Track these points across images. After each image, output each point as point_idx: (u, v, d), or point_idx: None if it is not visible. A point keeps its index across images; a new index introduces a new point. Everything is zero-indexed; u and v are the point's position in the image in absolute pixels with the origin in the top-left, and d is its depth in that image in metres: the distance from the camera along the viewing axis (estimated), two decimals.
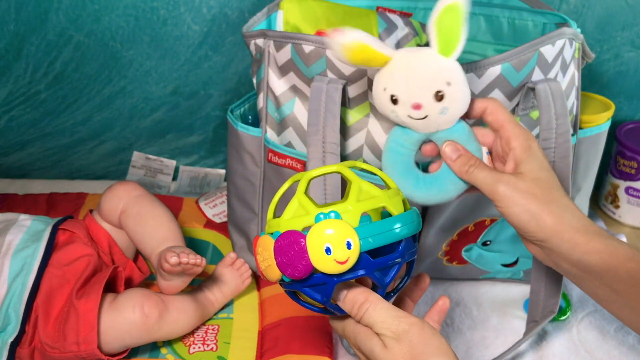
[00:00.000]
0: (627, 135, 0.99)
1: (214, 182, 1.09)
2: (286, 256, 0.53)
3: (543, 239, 0.61)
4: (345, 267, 0.52)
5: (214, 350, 0.78)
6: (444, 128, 0.63)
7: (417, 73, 0.61)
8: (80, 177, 1.09)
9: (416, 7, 0.90)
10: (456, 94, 0.61)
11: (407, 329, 0.54)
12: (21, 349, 0.73)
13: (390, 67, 0.62)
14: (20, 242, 0.77)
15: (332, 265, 0.52)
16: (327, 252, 0.52)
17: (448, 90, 0.61)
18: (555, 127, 0.71)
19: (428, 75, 0.61)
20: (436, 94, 0.61)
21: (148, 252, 0.81)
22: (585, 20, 0.91)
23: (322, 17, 0.82)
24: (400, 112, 0.62)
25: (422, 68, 0.61)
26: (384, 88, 0.62)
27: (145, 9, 0.87)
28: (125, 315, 0.74)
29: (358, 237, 0.52)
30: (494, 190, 0.61)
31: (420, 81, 0.61)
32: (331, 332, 0.81)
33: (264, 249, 0.55)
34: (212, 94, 0.98)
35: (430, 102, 0.61)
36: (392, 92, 0.62)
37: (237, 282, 0.83)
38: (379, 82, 0.63)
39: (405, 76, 0.61)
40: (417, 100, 0.61)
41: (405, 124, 0.64)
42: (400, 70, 0.61)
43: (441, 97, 0.61)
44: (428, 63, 0.61)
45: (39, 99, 0.96)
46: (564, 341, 0.83)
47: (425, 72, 0.61)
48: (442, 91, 0.61)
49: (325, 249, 0.52)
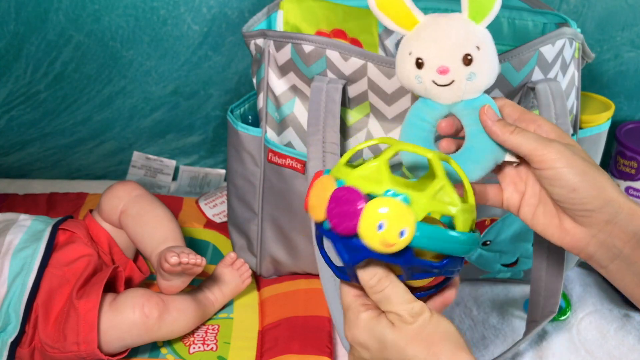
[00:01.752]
0: (627, 135, 0.99)
1: (214, 182, 1.09)
2: (339, 208, 0.51)
3: (599, 207, 0.57)
4: (387, 250, 0.51)
5: (214, 350, 0.78)
6: (468, 97, 0.60)
7: (446, 34, 0.58)
8: (80, 177, 1.09)
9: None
10: (485, 59, 0.59)
11: (419, 312, 0.54)
12: (21, 349, 0.73)
13: (418, 29, 0.59)
14: (20, 242, 0.77)
15: (377, 242, 0.51)
16: (379, 228, 0.50)
17: (477, 55, 0.58)
18: None
19: (457, 37, 0.58)
20: (465, 57, 0.58)
21: (148, 252, 0.81)
22: (585, 20, 0.91)
23: (322, 17, 0.82)
24: (425, 78, 0.59)
25: (452, 30, 0.58)
26: (409, 52, 0.60)
27: (145, 9, 0.87)
28: (125, 315, 0.74)
29: (414, 232, 0.50)
30: (544, 152, 0.57)
31: (449, 43, 0.58)
32: (331, 332, 0.81)
33: (322, 189, 0.53)
34: (212, 94, 0.98)
35: (458, 65, 0.58)
36: (418, 54, 0.59)
37: (237, 282, 0.83)
38: (405, 46, 0.60)
39: (434, 38, 0.59)
40: (444, 62, 0.58)
41: (428, 92, 0.60)
42: (429, 32, 0.59)
43: (469, 61, 0.58)
44: (458, 26, 0.58)
45: (39, 99, 0.96)
46: (564, 341, 0.83)
47: (455, 34, 0.58)
48: (470, 55, 0.58)
49: (378, 225, 0.50)
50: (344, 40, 0.82)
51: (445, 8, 0.89)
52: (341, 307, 0.77)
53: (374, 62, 0.70)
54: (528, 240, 0.84)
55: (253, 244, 0.87)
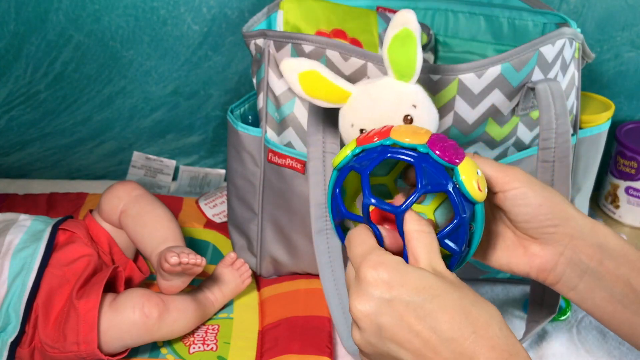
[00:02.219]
0: (627, 135, 0.99)
1: (214, 182, 1.09)
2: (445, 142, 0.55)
3: (564, 221, 0.59)
4: (476, 193, 0.54)
5: (214, 350, 0.78)
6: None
7: (381, 102, 0.60)
8: (80, 177, 1.09)
9: (416, 7, 0.90)
10: (424, 113, 0.60)
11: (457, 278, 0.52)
12: (21, 349, 0.73)
13: (352, 102, 0.61)
14: (20, 242, 0.77)
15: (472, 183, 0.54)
16: (477, 172, 0.55)
17: (415, 113, 0.60)
18: (555, 127, 0.71)
19: (392, 102, 0.60)
20: (405, 118, 0.60)
21: (148, 252, 0.81)
22: (585, 20, 0.91)
23: (322, 17, 0.82)
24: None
25: (385, 97, 0.60)
26: (351, 124, 0.62)
27: (145, 9, 0.87)
28: (125, 315, 0.74)
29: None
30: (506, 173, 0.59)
31: (387, 109, 0.60)
32: (331, 332, 0.81)
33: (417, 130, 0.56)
34: (212, 94, 0.98)
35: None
36: (361, 126, 0.61)
37: (237, 282, 0.83)
38: (345, 119, 0.62)
39: (370, 107, 0.61)
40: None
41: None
42: (364, 102, 0.61)
43: (411, 120, 0.60)
44: (389, 91, 0.60)
45: (39, 99, 0.96)
46: (564, 341, 0.83)
47: (389, 99, 0.60)
48: (409, 114, 0.60)
49: (477, 171, 0.55)
50: (344, 40, 0.82)
51: (445, 8, 0.90)
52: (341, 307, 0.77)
53: (374, 62, 0.70)
54: None
55: (253, 244, 0.87)
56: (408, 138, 0.55)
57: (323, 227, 0.74)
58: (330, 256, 0.75)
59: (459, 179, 0.54)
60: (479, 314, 0.49)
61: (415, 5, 0.90)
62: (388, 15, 0.86)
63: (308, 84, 0.62)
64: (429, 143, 0.55)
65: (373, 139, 0.56)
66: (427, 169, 0.54)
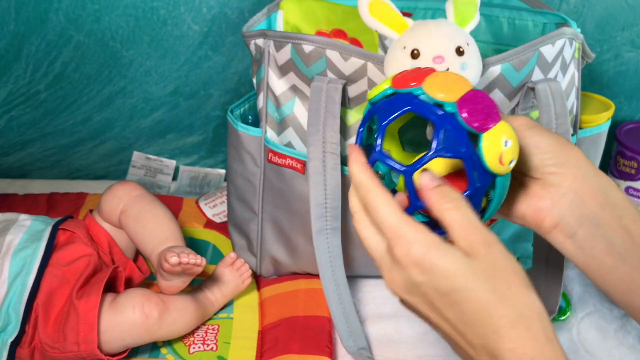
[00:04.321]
0: (627, 135, 0.99)
1: (214, 182, 1.09)
2: (480, 105, 0.52)
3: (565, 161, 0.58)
4: (498, 168, 0.52)
5: (214, 350, 0.78)
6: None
7: (439, 29, 0.64)
8: (80, 177, 1.09)
9: (416, 7, 0.90)
10: (473, 54, 0.64)
11: (494, 241, 0.48)
12: (21, 349, 0.73)
13: (411, 28, 0.65)
14: (20, 242, 0.77)
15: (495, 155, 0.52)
16: (505, 144, 0.52)
17: (467, 49, 0.64)
18: (555, 127, 0.71)
19: (450, 32, 0.64)
20: (457, 48, 0.63)
21: (148, 252, 0.81)
22: (585, 20, 0.91)
23: (322, 17, 0.82)
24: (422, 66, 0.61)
25: (443, 27, 0.64)
26: (404, 46, 0.64)
27: (145, 9, 0.87)
28: (125, 315, 0.74)
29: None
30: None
31: (443, 35, 0.64)
32: (331, 332, 0.81)
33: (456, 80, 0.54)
34: (212, 94, 0.98)
35: (452, 54, 0.63)
36: (414, 46, 0.63)
37: (237, 282, 0.83)
38: (398, 42, 0.65)
39: (428, 32, 0.64)
40: (439, 51, 0.63)
41: None
42: (422, 29, 0.64)
43: (462, 53, 0.63)
44: (448, 25, 0.65)
45: (39, 99, 0.96)
46: (564, 341, 0.83)
47: (447, 29, 0.64)
48: (462, 47, 0.63)
49: (505, 141, 0.52)
50: (344, 40, 0.82)
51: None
52: (341, 307, 0.77)
53: (374, 62, 0.70)
54: (528, 240, 0.84)
55: (253, 244, 0.87)
56: (440, 92, 0.53)
57: (323, 226, 0.74)
58: (330, 256, 0.75)
59: (480, 147, 0.51)
60: (504, 311, 0.47)
61: (415, 5, 0.90)
62: None
63: (375, 11, 0.65)
64: (459, 102, 0.52)
65: (408, 83, 0.54)
66: (447, 132, 0.51)
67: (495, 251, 0.48)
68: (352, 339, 0.78)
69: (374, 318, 0.85)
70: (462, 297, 0.47)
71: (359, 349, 0.78)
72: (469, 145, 0.52)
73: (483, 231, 0.49)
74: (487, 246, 0.48)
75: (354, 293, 0.86)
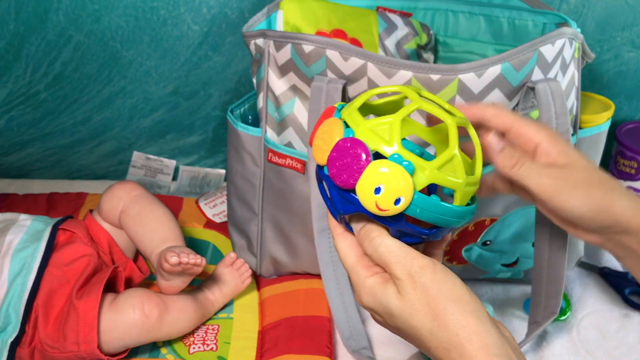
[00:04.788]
0: (627, 135, 0.99)
1: (214, 182, 1.09)
2: (342, 161, 0.51)
3: (610, 225, 0.58)
4: (379, 213, 0.50)
5: (214, 350, 0.78)
6: None
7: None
8: (80, 177, 1.09)
9: (416, 7, 0.90)
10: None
11: (419, 271, 0.50)
12: (21, 349, 0.73)
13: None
14: (20, 242, 0.77)
15: (372, 205, 0.50)
16: (376, 191, 0.50)
17: None
18: (555, 127, 0.71)
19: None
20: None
21: (148, 252, 0.81)
22: (585, 20, 0.91)
23: (322, 17, 0.82)
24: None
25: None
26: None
27: (145, 9, 0.87)
28: (125, 315, 0.74)
29: (410, 201, 0.50)
30: (551, 188, 0.57)
31: None
32: (331, 332, 0.81)
33: (329, 133, 0.52)
34: (212, 94, 0.98)
35: None
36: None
37: (237, 282, 0.83)
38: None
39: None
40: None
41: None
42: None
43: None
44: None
45: (39, 99, 0.96)
46: (564, 341, 0.83)
47: None
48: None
49: (376, 188, 0.50)
50: (344, 40, 0.82)
51: (445, 8, 0.90)
52: (343, 307, 0.77)
53: (374, 62, 0.70)
54: (528, 240, 0.84)
55: (253, 244, 0.87)
56: (317, 157, 0.53)
57: (324, 226, 0.74)
58: (332, 256, 0.75)
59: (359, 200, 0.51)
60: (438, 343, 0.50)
61: (415, 5, 0.90)
62: (388, 15, 0.86)
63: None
64: (328, 164, 0.51)
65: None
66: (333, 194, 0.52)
67: (423, 282, 0.51)
68: (354, 339, 0.78)
69: None
70: (407, 333, 0.52)
71: (360, 348, 0.78)
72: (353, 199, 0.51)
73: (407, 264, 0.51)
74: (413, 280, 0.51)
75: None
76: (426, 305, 0.50)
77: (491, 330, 0.49)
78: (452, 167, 0.51)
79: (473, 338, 0.49)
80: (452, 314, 0.49)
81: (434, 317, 0.50)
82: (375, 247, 0.52)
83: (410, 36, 0.86)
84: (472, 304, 0.50)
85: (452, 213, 0.52)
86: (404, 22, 0.86)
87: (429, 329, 0.50)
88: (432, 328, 0.50)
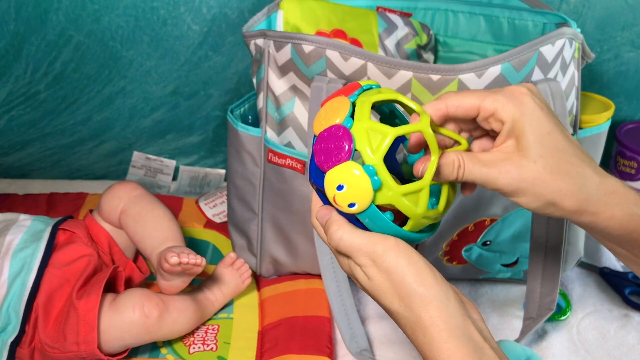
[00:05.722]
0: (627, 135, 0.99)
1: (214, 182, 1.09)
2: (328, 143, 0.53)
3: (562, 217, 0.57)
4: (334, 205, 0.53)
5: (214, 350, 0.78)
6: None
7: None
8: (80, 177, 1.09)
9: (416, 7, 0.90)
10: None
11: (382, 255, 0.52)
12: (21, 349, 0.73)
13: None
14: (20, 242, 0.77)
15: (330, 194, 0.52)
16: (338, 188, 0.52)
17: None
18: None
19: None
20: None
21: (148, 252, 0.81)
22: (585, 20, 0.91)
23: (322, 17, 0.82)
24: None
25: None
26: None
27: (145, 9, 0.87)
28: (125, 315, 0.74)
29: (363, 209, 0.52)
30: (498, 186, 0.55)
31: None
32: (331, 332, 0.81)
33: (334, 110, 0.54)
34: (212, 94, 0.98)
35: None
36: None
37: (237, 282, 0.83)
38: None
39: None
40: None
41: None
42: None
43: None
44: None
45: (39, 99, 0.96)
46: (564, 341, 0.83)
47: None
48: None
49: (338, 185, 0.52)
50: (344, 40, 0.82)
51: (445, 8, 0.90)
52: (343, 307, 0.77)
53: (374, 62, 0.70)
54: (528, 240, 0.84)
55: (253, 244, 0.87)
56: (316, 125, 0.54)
57: None
58: (332, 256, 0.75)
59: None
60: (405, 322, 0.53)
61: (415, 5, 0.90)
62: (388, 15, 0.86)
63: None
64: (316, 139, 0.54)
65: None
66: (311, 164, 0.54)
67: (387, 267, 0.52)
68: (355, 340, 0.78)
69: (374, 318, 0.85)
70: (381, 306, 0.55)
71: (361, 350, 0.78)
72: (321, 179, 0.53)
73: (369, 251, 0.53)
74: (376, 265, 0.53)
75: (354, 293, 0.86)
76: (392, 288, 0.52)
77: (454, 313, 0.51)
78: (417, 198, 0.53)
79: (436, 320, 0.51)
80: (415, 297, 0.51)
81: (400, 298, 0.52)
82: (336, 242, 0.54)
83: (410, 36, 0.86)
84: (436, 286, 0.52)
85: (398, 234, 0.54)
86: (404, 22, 0.86)
87: (396, 310, 0.52)
88: (398, 309, 0.52)
